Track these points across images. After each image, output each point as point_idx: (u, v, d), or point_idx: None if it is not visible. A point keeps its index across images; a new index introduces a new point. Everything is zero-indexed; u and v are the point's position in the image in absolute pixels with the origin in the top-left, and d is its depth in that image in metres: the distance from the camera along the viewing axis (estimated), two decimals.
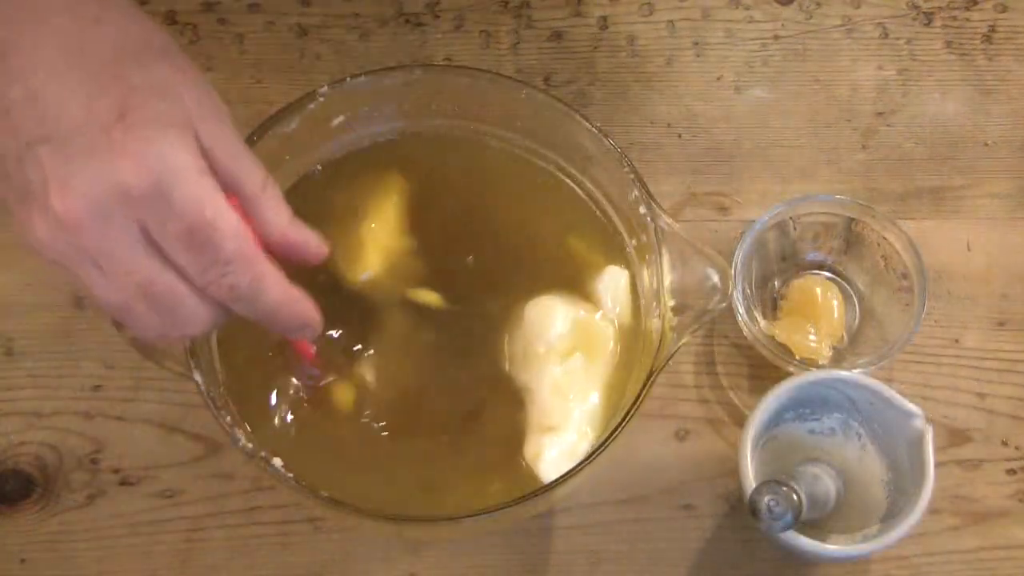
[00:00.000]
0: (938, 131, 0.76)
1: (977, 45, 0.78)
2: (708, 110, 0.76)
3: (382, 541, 0.66)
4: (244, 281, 0.46)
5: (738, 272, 0.68)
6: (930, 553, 0.67)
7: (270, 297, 0.48)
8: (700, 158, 0.75)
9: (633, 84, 0.77)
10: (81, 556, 0.66)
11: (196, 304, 0.47)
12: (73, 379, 0.69)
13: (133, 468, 0.67)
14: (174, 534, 0.66)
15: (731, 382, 0.70)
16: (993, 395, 0.70)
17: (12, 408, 0.69)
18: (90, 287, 0.46)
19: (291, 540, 0.66)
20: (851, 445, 0.65)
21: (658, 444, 0.69)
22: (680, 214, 0.74)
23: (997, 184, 0.75)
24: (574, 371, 0.58)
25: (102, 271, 0.46)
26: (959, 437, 0.69)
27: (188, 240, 0.45)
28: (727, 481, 0.68)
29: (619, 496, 0.67)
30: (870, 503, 0.64)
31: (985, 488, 0.68)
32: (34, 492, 0.67)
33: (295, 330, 0.50)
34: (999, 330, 0.71)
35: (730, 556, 0.66)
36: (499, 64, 0.76)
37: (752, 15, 0.78)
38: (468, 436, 0.58)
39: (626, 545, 0.67)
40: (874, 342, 0.69)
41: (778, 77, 0.77)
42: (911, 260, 0.68)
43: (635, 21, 0.78)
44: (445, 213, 0.62)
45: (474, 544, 0.66)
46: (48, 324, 0.70)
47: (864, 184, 0.75)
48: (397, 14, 0.78)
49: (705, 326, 0.66)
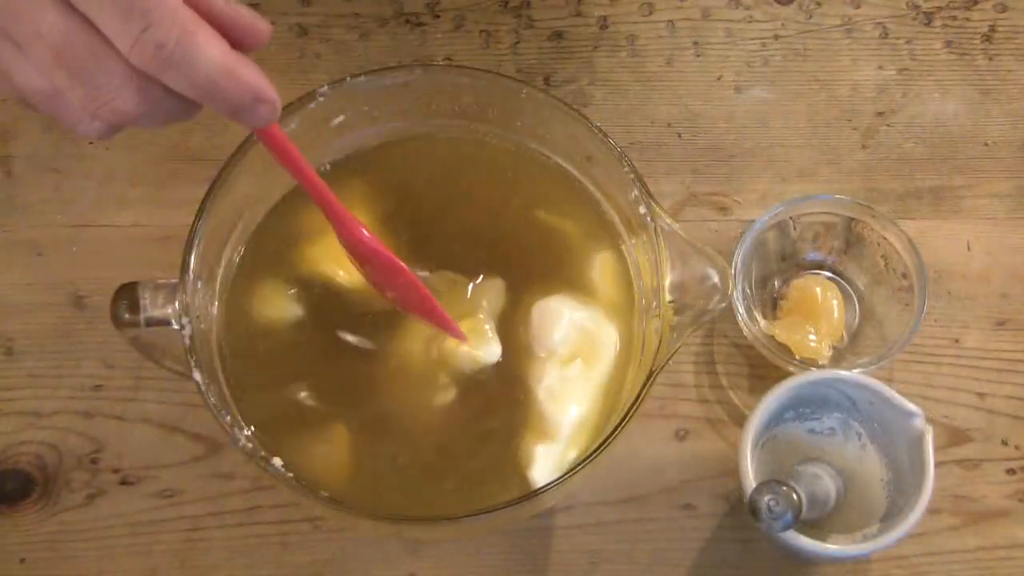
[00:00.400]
0: (938, 131, 0.76)
1: (977, 45, 0.78)
2: (708, 110, 0.76)
3: (382, 541, 0.66)
4: (171, 37, 0.40)
5: (738, 272, 0.68)
6: (930, 553, 0.67)
7: (207, 59, 0.41)
8: (700, 158, 0.75)
9: (633, 84, 0.77)
10: (81, 556, 0.66)
11: (122, 70, 0.41)
12: (73, 379, 0.69)
13: (133, 468, 0.67)
14: (174, 534, 0.66)
15: (731, 382, 0.70)
16: (993, 395, 0.70)
17: (12, 408, 0.69)
18: (11, 75, 0.42)
19: (291, 540, 0.66)
20: (851, 445, 0.65)
21: (658, 444, 0.69)
22: (680, 214, 0.74)
23: (997, 184, 0.75)
24: (571, 379, 0.58)
25: (18, 47, 0.42)
26: (959, 437, 0.69)
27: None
28: (727, 481, 0.68)
29: (619, 496, 0.67)
30: (870, 503, 0.64)
31: (985, 488, 0.68)
32: (34, 492, 0.67)
33: (247, 108, 0.43)
34: (999, 330, 0.71)
35: (730, 556, 0.66)
36: (499, 64, 0.77)
37: (752, 15, 0.78)
38: (468, 434, 0.58)
39: (626, 545, 0.67)
40: (874, 342, 0.69)
41: (778, 77, 0.77)
42: (911, 260, 0.68)
43: (635, 21, 0.78)
44: (446, 212, 0.62)
45: (474, 544, 0.66)
46: (48, 324, 0.70)
47: (864, 184, 0.75)
48: (397, 14, 0.78)
49: (705, 326, 0.66)
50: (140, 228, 0.72)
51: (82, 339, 0.70)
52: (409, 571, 0.66)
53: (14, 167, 0.74)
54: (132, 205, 0.73)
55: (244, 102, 0.43)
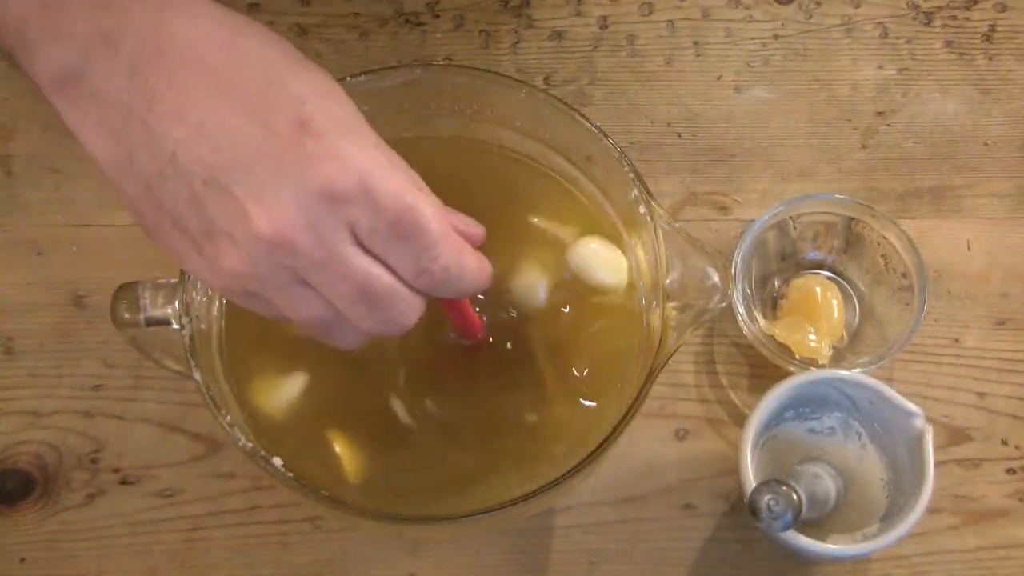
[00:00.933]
0: (938, 131, 0.76)
1: (977, 45, 0.78)
2: (708, 110, 0.76)
3: (382, 541, 0.66)
4: (453, 260, 0.46)
5: (738, 271, 0.68)
6: (930, 553, 0.67)
7: (472, 269, 0.48)
8: (700, 158, 0.75)
9: (633, 84, 0.77)
10: (81, 555, 0.66)
11: (411, 296, 0.46)
12: (73, 378, 0.69)
13: (133, 467, 0.67)
14: (174, 533, 0.66)
15: (731, 382, 0.70)
16: (993, 395, 0.70)
17: (12, 407, 0.69)
18: (294, 309, 0.46)
19: (291, 540, 0.66)
20: (851, 444, 0.65)
21: (658, 444, 0.69)
22: (680, 214, 0.74)
23: (997, 184, 0.75)
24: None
25: (307, 287, 0.45)
26: (959, 437, 0.69)
27: (397, 230, 0.44)
28: (727, 481, 0.68)
29: (619, 496, 0.67)
30: (870, 502, 0.64)
31: (985, 487, 0.68)
32: (34, 491, 0.67)
33: (479, 290, 0.49)
34: (999, 330, 0.71)
35: (730, 556, 0.66)
36: (499, 64, 0.77)
37: (752, 15, 0.78)
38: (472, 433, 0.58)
39: (626, 545, 0.67)
40: (874, 342, 0.69)
41: (778, 77, 0.77)
42: (911, 259, 0.68)
43: (635, 21, 0.78)
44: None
45: (474, 544, 0.66)
46: (48, 324, 0.70)
47: (864, 184, 0.75)
48: (397, 14, 0.78)
49: (705, 325, 0.66)
50: (140, 228, 0.72)
51: (82, 339, 0.70)
52: (409, 571, 0.66)
53: (14, 167, 0.74)
54: None
55: (480, 289, 0.49)
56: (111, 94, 0.44)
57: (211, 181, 0.43)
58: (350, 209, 0.44)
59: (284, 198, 0.43)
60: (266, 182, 0.43)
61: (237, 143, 0.43)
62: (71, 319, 0.70)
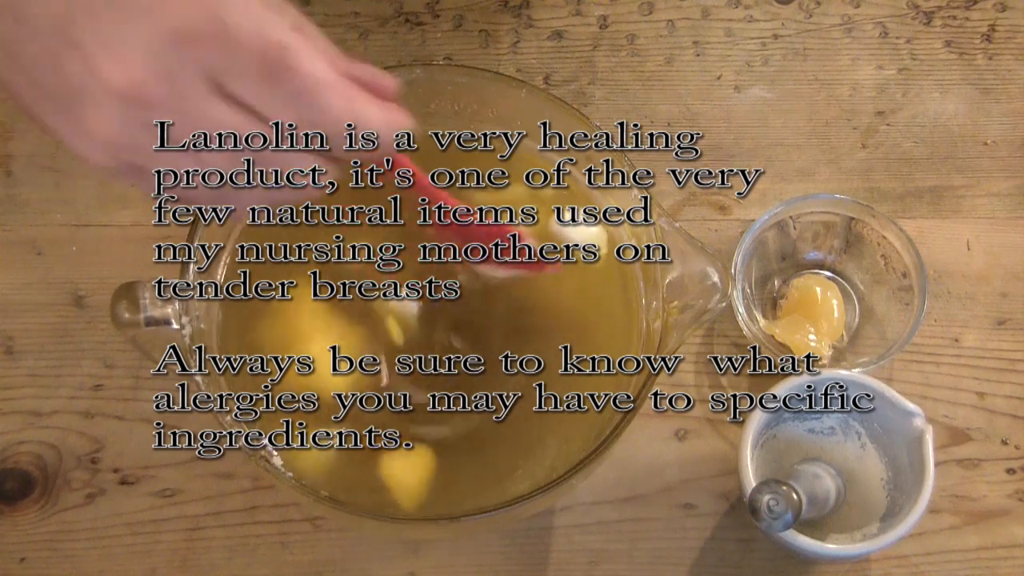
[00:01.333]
0: (938, 131, 0.76)
1: (977, 45, 0.78)
2: (708, 110, 0.76)
3: (382, 541, 0.66)
4: (344, 107, 0.42)
5: (738, 271, 0.68)
6: (930, 552, 0.67)
7: (375, 118, 0.43)
8: (700, 157, 0.75)
9: (633, 83, 0.77)
10: (81, 555, 0.66)
11: (299, 154, 0.42)
12: (73, 378, 0.69)
13: (133, 467, 0.67)
14: (174, 533, 0.66)
15: (731, 382, 0.70)
16: (993, 394, 0.70)
17: (12, 407, 0.69)
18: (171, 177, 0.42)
19: (291, 540, 0.66)
20: (851, 444, 0.65)
21: (658, 444, 0.69)
22: (680, 214, 0.74)
23: (997, 184, 0.75)
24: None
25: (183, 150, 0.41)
26: (959, 436, 0.69)
27: (261, 72, 0.40)
28: (727, 481, 0.68)
29: (619, 495, 0.67)
30: (870, 503, 0.64)
31: (985, 487, 0.68)
32: (34, 491, 0.67)
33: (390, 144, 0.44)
34: (998, 329, 0.71)
35: (730, 556, 0.66)
36: (499, 63, 0.77)
37: (752, 14, 0.78)
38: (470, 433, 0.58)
39: (626, 544, 0.67)
40: (874, 342, 0.69)
41: (778, 77, 0.77)
42: (911, 259, 0.68)
43: (635, 20, 0.78)
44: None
45: (474, 544, 0.66)
46: (48, 324, 0.70)
47: (864, 183, 0.75)
48: (397, 13, 0.78)
49: (705, 326, 0.66)
50: (140, 228, 0.72)
51: (82, 339, 0.70)
52: (409, 571, 0.66)
53: (14, 167, 0.74)
54: (132, 205, 0.73)
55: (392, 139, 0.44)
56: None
57: (62, 34, 0.39)
58: (205, 52, 0.39)
59: (133, 44, 0.39)
60: (114, 29, 0.39)
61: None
62: (71, 319, 0.70)
